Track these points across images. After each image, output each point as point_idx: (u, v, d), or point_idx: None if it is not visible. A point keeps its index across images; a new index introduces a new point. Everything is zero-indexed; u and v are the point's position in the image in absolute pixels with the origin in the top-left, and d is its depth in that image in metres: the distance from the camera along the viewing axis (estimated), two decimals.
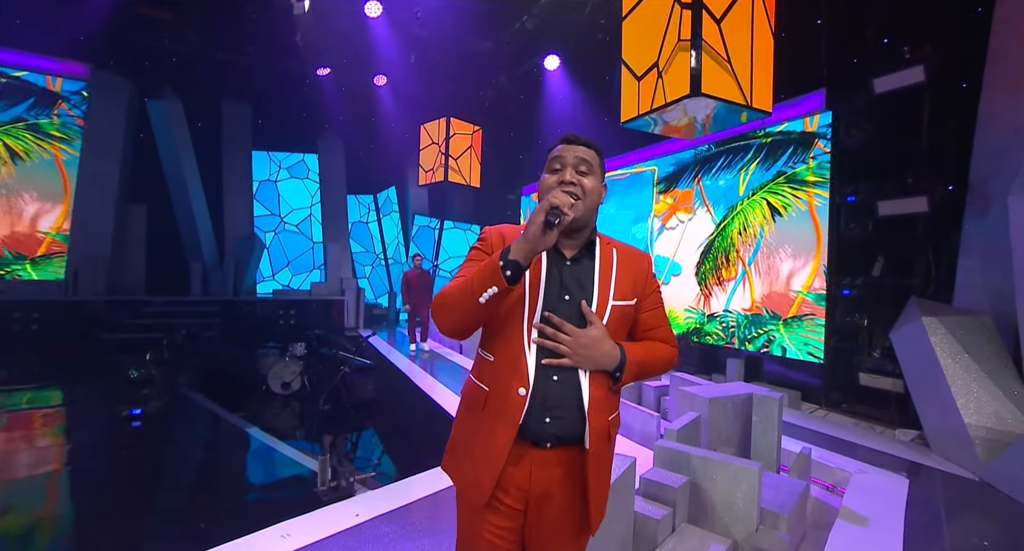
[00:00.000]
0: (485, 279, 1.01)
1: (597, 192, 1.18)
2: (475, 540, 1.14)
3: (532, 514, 1.13)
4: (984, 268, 3.59)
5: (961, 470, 3.25)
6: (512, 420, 1.08)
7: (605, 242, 1.24)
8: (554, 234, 1.01)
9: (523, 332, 1.10)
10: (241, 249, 10.12)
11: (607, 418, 1.15)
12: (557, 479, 1.11)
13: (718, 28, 3.50)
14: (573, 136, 1.19)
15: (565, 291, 1.13)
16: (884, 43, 4.44)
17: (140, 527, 2.60)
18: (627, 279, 1.19)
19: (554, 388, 1.10)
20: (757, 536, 2.25)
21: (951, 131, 3.89)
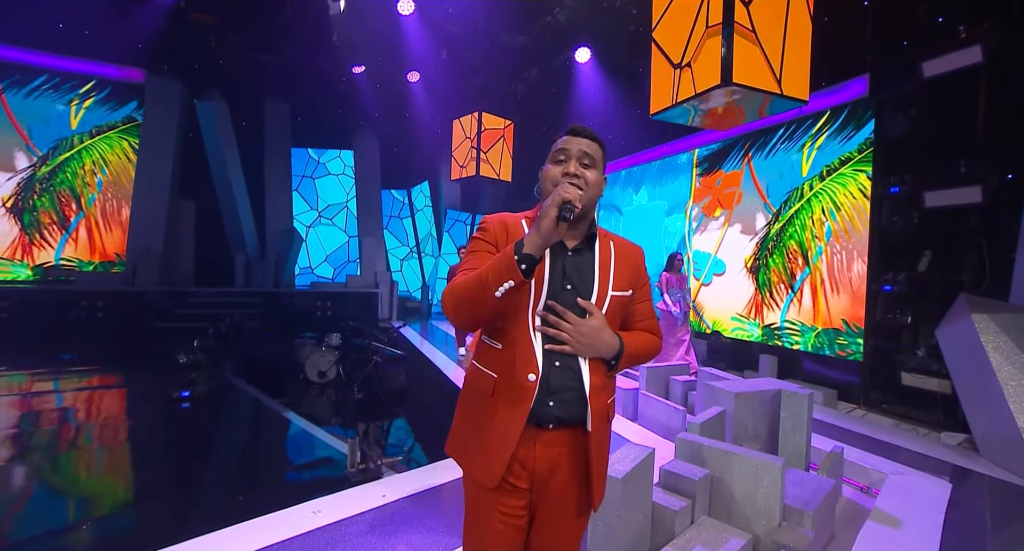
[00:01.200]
0: (501, 273, 1.04)
1: (599, 185, 1.21)
2: (485, 521, 1.18)
3: (537, 492, 1.17)
4: None
5: (1013, 477, 3.07)
6: (523, 405, 1.12)
7: (603, 235, 1.27)
8: (564, 227, 1.05)
9: (529, 321, 1.14)
10: (281, 243, 10.57)
11: (606, 401, 1.19)
12: (560, 459, 1.16)
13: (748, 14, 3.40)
14: (579, 128, 1.21)
15: (567, 281, 1.17)
16: (938, 22, 4.19)
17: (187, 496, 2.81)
18: (625, 271, 1.23)
19: (557, 374, 1.14)
20: (779, 532, 2.21)
21: (1011, 115, 3.64)
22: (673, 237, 7.89)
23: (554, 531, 1.20)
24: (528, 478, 1.16)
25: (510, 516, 1.16)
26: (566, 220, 1.03)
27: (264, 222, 10.66)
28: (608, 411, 1.20)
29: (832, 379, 5.07)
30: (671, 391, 4.34)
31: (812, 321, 5.34)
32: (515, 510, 1.17)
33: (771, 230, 5.83)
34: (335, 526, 2.30)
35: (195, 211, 10.10)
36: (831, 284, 5.10)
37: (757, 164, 5.98)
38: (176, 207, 9.72)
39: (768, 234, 5.87)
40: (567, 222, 1.04)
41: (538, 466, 1.15)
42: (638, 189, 8.87)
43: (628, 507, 1.95)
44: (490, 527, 1.17)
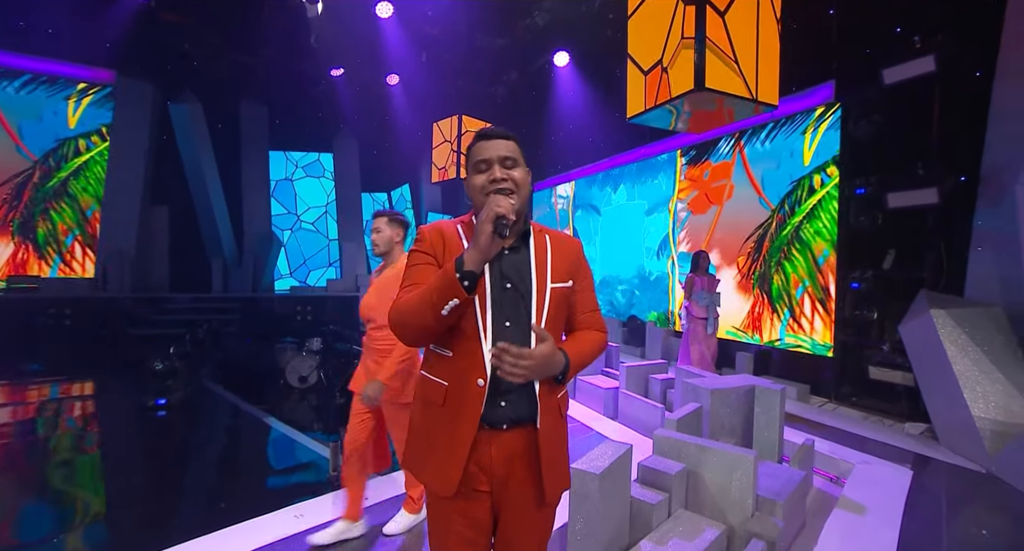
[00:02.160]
0: (445, 292, 1.04)
1: (526, 182, 1.20)
2: (446, 530, 1.19)
3: (497, 493, 1.18)
4: (996, 259, 3.55)
5: (969, 463, 3.23)
6: (474, 410, 1.13)
7: (538, 230, 1.26)
8: (508, 237, 1.07)
9: (477, 325, 1.14)
10: (259, 247, 10.42)
11: (556, 396, 1.21)
12: (515, 456, 1.17)
13: (722, 22, 3.50)
14: (489, 131, 1.21)
15: (506, 280, 1.16)
16: (896, 32, 4.39)
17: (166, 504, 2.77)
18: (562, 262, 1.24)
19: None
20: (752, 522, 2.30)
21: (963, 121, 3.84)
22: (654, 237, 7.90)
23: (518, 527, 1.21)
24: (487, 480, 1.16)
25: (473, 521, 1.17)
26: (503, 236, 1.04)
27: (241, 226, 10.49)
28: (560, 405, 1.22)
29: (805, 375, 5.24)
30: (650, 389, 4.43)
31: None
32: (479, 513, 1.17)
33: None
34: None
35: (169, 215, 9.88)
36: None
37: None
38: (149, 211, 9.51)
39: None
40: (504, 237, 1.04)
41: (495, 467, 1.16)
42: (616, 188, 8.82)
43: (606, 502, 2.01)
44: (453, 532, 1.18)
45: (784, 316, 5.39)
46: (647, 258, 8.04)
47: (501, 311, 1.15)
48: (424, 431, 1.21)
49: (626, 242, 8.56)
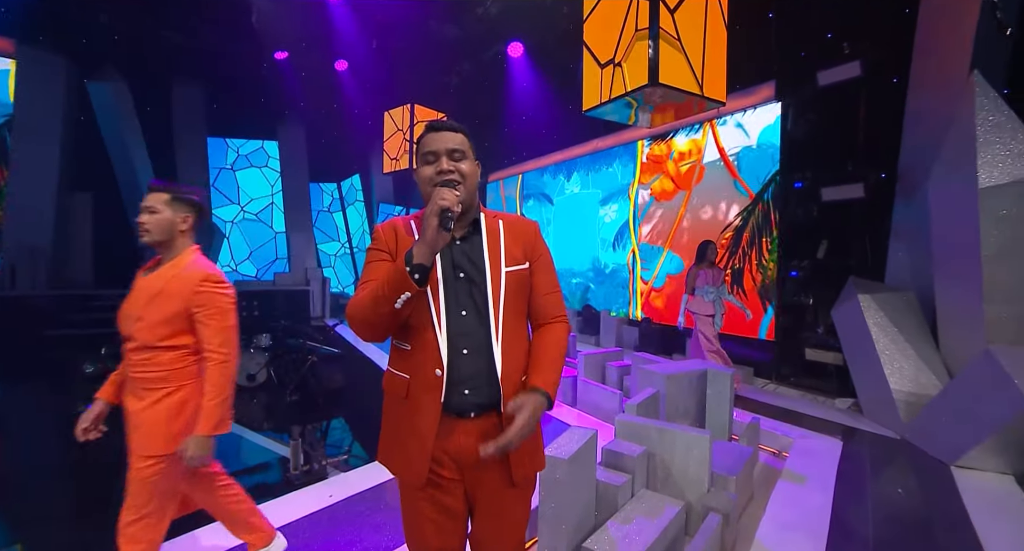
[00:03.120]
0: (396, 286, 1.05)
1: (474, 173, 1.23)
2: (418, 518, 1.20)
3: (469, 481, 1.20)
4: (910, 249, 3.92)
5: (887, 431, 3.58)
6: (435, 401, 1.14)
7: (491, 216, 1.27)
8: (454, 229, 1.08)
9: (432, 317, 1.15)
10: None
11: (518, 381, 1.21)
12: (482, 443, 1.15)
13: (672, 19, 3.61)
14: (438, 123, 1.22)
15: (459, 270, 1.18)
16: (828, 37, 4.70)
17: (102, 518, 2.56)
18: (516, 245, 1.24)
19: (466, 362, 1.15)
20: (708, 497, 2.44)
21: (884, 123, 4.19)
22: (610, 228, 7.73)
23: (493, 512, 1.23)
24: (456, 468, 1.18)
25: (447, 507, 1.19)
26: (448, 229, 1.04)
27: None
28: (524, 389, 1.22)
29: (749, 358, 5.57)
30: (607, 376, 4.57)
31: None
32: (451, 501, 1.19)
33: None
34: (282, 531, 2.22)
35: (93, 204, 9.04)
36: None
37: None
38: (67, 200, 8.65)
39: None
40: (448, 229, 1.04)
41: (462, 455, 1.17)
42: (569, 176, 8.61)
43: (574, 485, 2.07)
44: (425, 518, 1.19)
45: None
46: (602, 250, 7.98)
47: (456, 301, 1.17)
48: (392, 425, 1.22)
49: (580, 233, 8.48)
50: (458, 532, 1.24)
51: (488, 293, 1.17)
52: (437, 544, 1.21)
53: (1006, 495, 2.64)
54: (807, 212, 4.82)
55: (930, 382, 3.46)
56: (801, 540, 2.27)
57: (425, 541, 1.22)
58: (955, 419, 2.99)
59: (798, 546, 2.23)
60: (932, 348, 3.61)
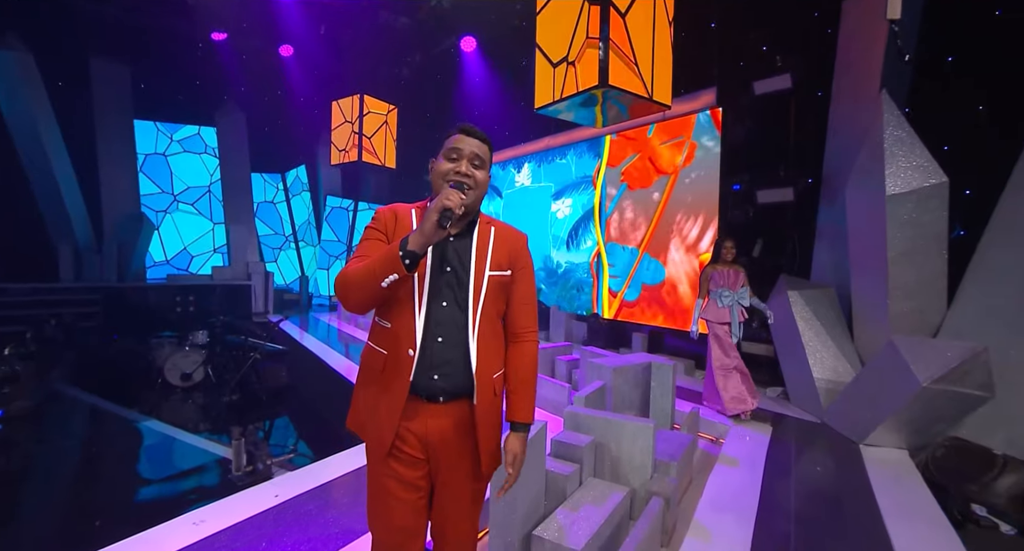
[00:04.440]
0: (387, 266, 1.13)
1: (485, 183, 1.32)
2: (381, 486, 1.28)
3: (433, 461, 1.28)
4: (832, 249, 4.28)
5: (810, 416, 3.91)
6: (404, 377, 1.22)
7: (485, 221, 1.35)
8: (450, 228, 1.17)
9: (414, 301, 1.23)
10: (124, 230, 9.06)
11: (492, 375, 1.29)
12: (449, 429, 1.26)
13: (623, 23, 3.74)
14: (471, 129, 1.30)
15: (447, 264, 1.27)
16: (764, 50, 5.02)
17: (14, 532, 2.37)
18: (502, 251, 1.33)
19: (440, 349, 1.23)
20: (651, 482, 2.58)
21: (810, 132, 4.54)
22: (563, 224, 7.34)
23: (452, 496, 1.30)
24: (422, 448, 1.26)
25: (408, 484, 1.26)
26: (444, 228, 1.12)
27: (100, 206, 9.01)
28: (495, 385, 1.30)
29: (690, 351, 5.88)
30: (557, 370, 4.69)
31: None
32: (414, 479, 1.27)
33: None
34: (222, 534, 2.15)
35: None
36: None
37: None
38: None
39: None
40: (445, 228, 1.12)
41: (430, 437, 1.25)
42: (520, 167, 8.23)
43: (524, 476, 2.12)
44: (390, 494, 1.26)
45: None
46: (555, 248, 7.72)
47: (438, 292, 1.25)
48: (366, 394, 1.30)
49: (530, 230, 8.18)
50: (420, 512, 1.30)
51: (470, 291, 1.26)
52: (399, 522, 1.27)
53: (900, 466, 2.99)
54: (744, 213, 5.14)
55: (846, 370, 3.81)
56: (733, 518, 2.45)
57: (388, 516, 1.27)
58: (863, 403, 3.32)
59: (730, 523, 2.41)
60: (848, 339, 3.97)
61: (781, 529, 2.37)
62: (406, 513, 1.26)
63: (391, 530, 1.27)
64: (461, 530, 1.33)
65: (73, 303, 7.63)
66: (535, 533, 2.05)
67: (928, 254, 3.35)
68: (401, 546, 1.28)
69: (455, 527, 1.33)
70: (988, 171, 3.47)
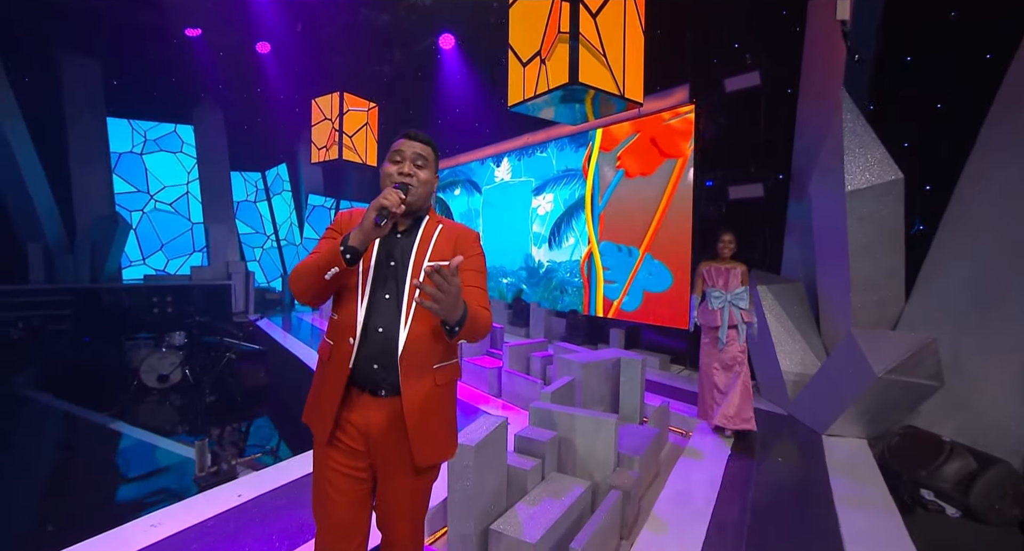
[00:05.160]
0: (329, 260, 1.21)
1: (430, 183, 1.39)
2: (320, 473, 1.33)
3: (374, 455, 1.31)
4: (800, 244, 4.36)
5: (777, 408, 3.99)
6: (344, 366, 1.27)
7: (434, 220, 1.42)
8: (385, 227, 1.21)
9: (357, 293, 1.31)
10: (98, 230, 8.90)
11: (431, 367, 1.31)
12: (390, 422, 1.29)
13: (594, 22, 3.75)
14: (413, 133, 1.38)
15: (391, 259, 1.34)
16: (735, 47, 5.07)
17: None
18: (447, 244, 1.38)
19: (379, 339, 1.28)
20: (613, 475, 2.62)
21: (780, 129, 4.61)
22: (544, 221, 7.15)
23: (392, 489, 1.33)
24: (362, 440, 1.30)
25: (349, 475, 1.30)
26: (378, 225, 1.19)
27: (71, 205, 8.84)
28: (436, 377, 1.32)
29: (667, 346, 5.95)
30: (531, 367, 4.72)
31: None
32: (355, 471, 1.31)
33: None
34: (180, 536, 2.14)
35: None
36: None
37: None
38: None
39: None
40: (379, 225, 1.19)
41: (370, 430, 1.29)
42: (499, 161, 8.04)
43: (483, 472, 2.15)
44: (328, 481, 1.31)
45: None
46: (536, 246, 7.52)
47: (381, 284, 1.32)
48: (316, 385, 1.37)
49: (510, 226, 7.99)
50: (361, 505, 1.33)
51: (407, 282, 1.31)
52: (340, 513, 1.29)
53: (858, 455, 3.07)
54: (717, 209, 5.21)
55: (812, 363, 3.89)
56: (691, 510, 2.51)
57: (329, 507, 1.29)
58: (825, 394, 3.40)
59: (688, 515, 2.46)
60: (815, 332, 4.06)
61: (736, 520, 2.42)
62: (346, 505, 1.29)
63: (332, 522, 1.30)
64: (402, 526, 1.35)
65: (44, 305, 7.49)
66: (492, 527, 2.08)
67: (887, 248, 3.43)
68: (342, 538, 1.30)
69: (397, 523, 1.35)
70: (946, 167, 3.57)
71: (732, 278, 3.54)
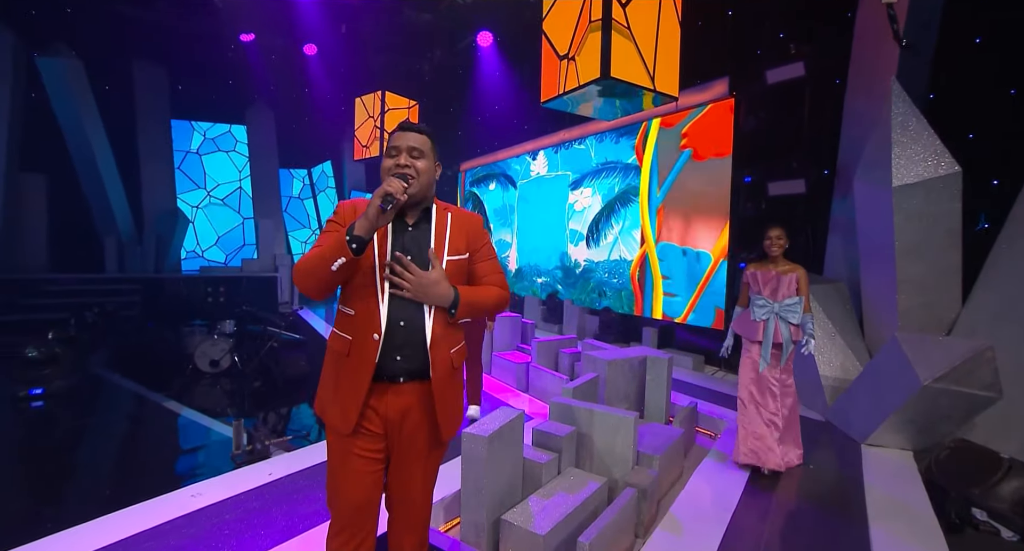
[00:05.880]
0: (335, 251, 1.22)
1: (430, 171, 1.40)
2: (345, 461, 1.36)
3: (391, 436, 1.37)
4: (844, 243, 4.12)
5: (814, 414, 3.81)
6: (370, 360, 1.30)
7: (442, 208, 1.45)
8: (390, 213, 1.23)
9: (376, 289, 1.32)
10: (162, 224, 9.61)
11: (449, 351, 1.38)
12: (410, 406, 1.35)
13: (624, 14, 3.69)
14: (407, 124, 1.39)
15: (407, 251, 1.35)
16: (780, 37, 4.84)
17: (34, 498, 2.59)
18: (460, 237, 1.42)
19: (401, 332, 1.32)
20: (631, 474, 2.60)
21: (825, 122, 4.36)
22: (581, 217, 6.74)
23: (408, 467, 1.40)
24: (382, 424, 1.35)
25: (366, 457, 1.35)
26: (384, 210, 1.21)
27: (140, 201, 9.59)
28: (453, 360, 1.40)
29: (701, 346, 5.78)
30: (560, 363, 4.72)
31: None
32: (372, 452, 1.36)
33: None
34: (216, 507, 2.30)
35: (47, 186, 8.78)
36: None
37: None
38: (18, 181, 8.31)
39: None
40: (385, 211, 1.21)
41: (390, 413, 1.34)
42: (535, 155, 7.85)
43: (496, 463, 2.18)
44: (349, 466, 1.35)
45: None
46: (572, 244, 7.18)
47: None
48: (332, 378, 1.38)
49: (545, 223, 7.75)
50: (376, 482, 1.39)
51: None
52: (361, 494, 1.36)
53: (900, 467, 2.88)
54: (756, 206, 5.00)
55: (854, 367, 3.68)
56: (710, 513, 2.44)
57: (350, 489, 1.36)
58: (866, 401, 3.21)
59: (706, 518, 2.40)
60: (858, 335, 3.83)
61: (754, 527, 2.34)
62: (367, 485, 1.36)
63: (351, 504, 1.35)
64: (417, 501, 1.43)
65: (116, 293, 8.17)
66: (503, 517, 2.11)
67: (939, 247, 3.19)
68: (362, 520, 1.36)
69: (414, 498, 1.42)
70: (1017, 160, 3.27)
71: (784, 285, 2.86)
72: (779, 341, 2.89)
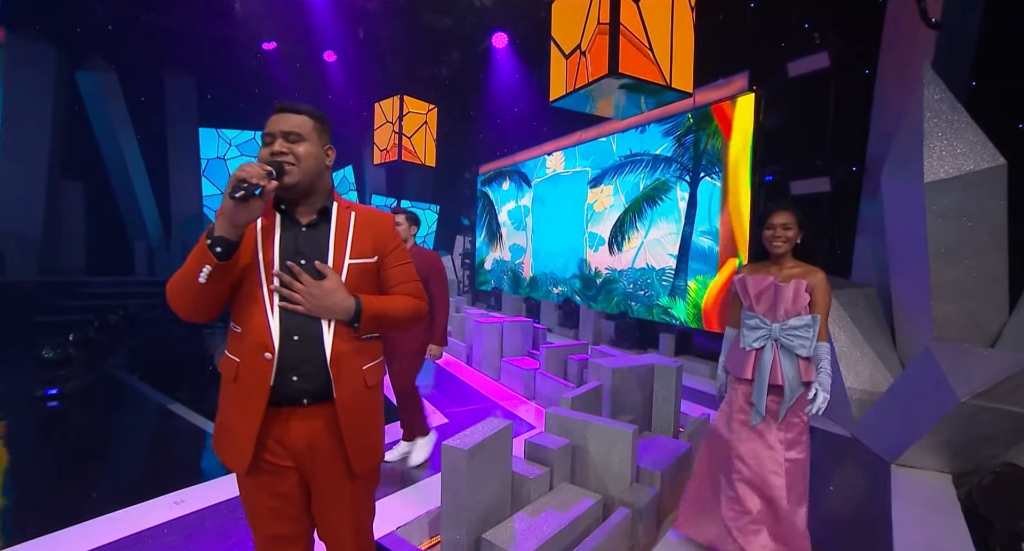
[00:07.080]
0: (199, 259, 1.04)
1: (315, 157, 1.20)
2: (254, 504, 1.19)
3: (303, 467, 1.19)
4: (874, 244, 3.82)
5: (839, 428, 3.52)
6: (262, 383, 1.12)
7: (344, 207, 1.27)
8: (257, 205, 1.05)
9: (264, 300, 1.14)
10: (189, 229, 9.91)
11: (360, 367, 1.20)
12: (317, 431, 1.17)
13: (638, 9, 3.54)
14: (283, 105, 1.20)
15: (300, 256, 1.18)
16: (804, 27, 4.57)
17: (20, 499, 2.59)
18: (366, 237, 1.25)
19: (296, 348, 1.14)
20: (629, 491, 2.42)
21: (853, 115, 4.07)
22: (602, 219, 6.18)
23: (330, 501, 1.23)
24: (289, 456, 1.17)
25: (279, 495, 1.18)
26: (240, 202, 1.01)
27: (169, 207, 9.93)
28: (366, 378, 1.22)
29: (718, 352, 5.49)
30: (568, 370, 4.55)
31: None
32: (284, 489, 1.18)
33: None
34: (196, 515, 2.25)
35: (84, 193, 9.20)
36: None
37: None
38: (58, 188, 8.76)
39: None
40: (244, 202, 1.02)
41: (295, 443, 1.16)
42: (551, 151, 7.45)
43: (479, 477, 2.05)
44: (259, 505, 1.19)
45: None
46: (592, 249, 6.67)
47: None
48: (222, 409, 1.20)
49: (562, 226, 7.35)
50: (300, 518, 1.23)
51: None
52: (279, 530, 1.21)
53: (934, 492, 2.59)
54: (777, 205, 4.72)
55: (884, 379, 3.39)
56: None
57: (264, 527, 1.21)
58: (897, 417, 2.93)
59: None
60: (889, 345, 3.53)
61: None
62: (280, 522, 1.20)
63: (269, 539, 1.22)
64: (339, 535, 1.26)
65: (144, 295, 8.45)
66: (484, 536, 1.97)
67: (980, 249, 2.89)
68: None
69: (339, 534, 1.26)
70: None
71: (785, 297, 1.94)
72: (778, 382, 1.95)
